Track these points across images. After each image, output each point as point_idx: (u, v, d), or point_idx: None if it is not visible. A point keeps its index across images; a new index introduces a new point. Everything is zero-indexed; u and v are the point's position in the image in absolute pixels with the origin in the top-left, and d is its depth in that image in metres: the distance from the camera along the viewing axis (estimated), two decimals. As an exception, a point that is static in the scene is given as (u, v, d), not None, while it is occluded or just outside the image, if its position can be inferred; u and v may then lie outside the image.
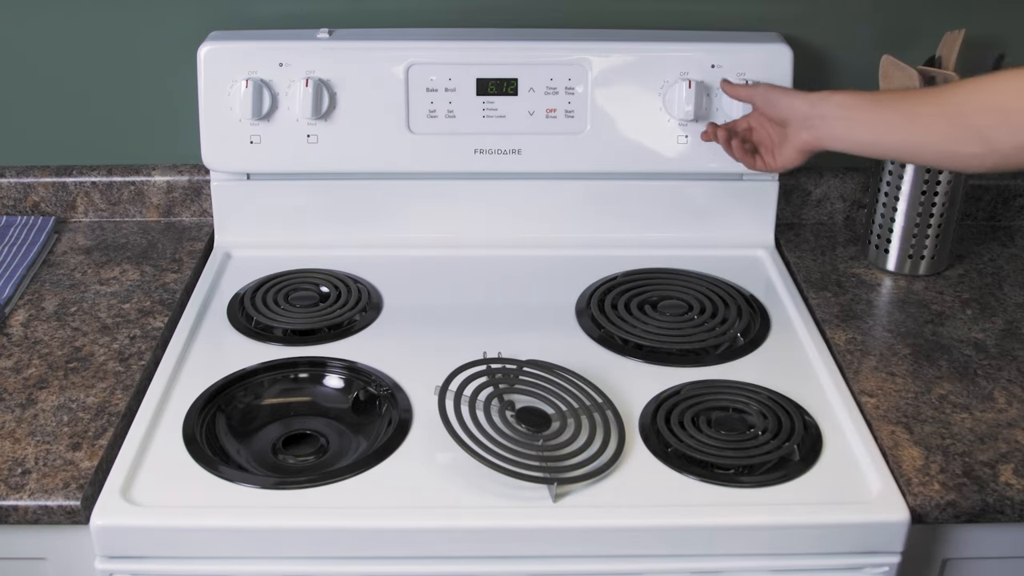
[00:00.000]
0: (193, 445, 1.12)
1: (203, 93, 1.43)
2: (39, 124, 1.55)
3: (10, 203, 1.56)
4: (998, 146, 1.09)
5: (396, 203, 1.50)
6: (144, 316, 1.34)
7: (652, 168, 1.48)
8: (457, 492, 1.07)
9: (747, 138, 1.34)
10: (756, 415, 1.17)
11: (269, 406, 1.22)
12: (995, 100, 1.10)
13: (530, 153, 1.46)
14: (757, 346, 1.31)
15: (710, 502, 1.06)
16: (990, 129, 1.09)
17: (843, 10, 1.51)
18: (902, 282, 1.45)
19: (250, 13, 1.49)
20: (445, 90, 1.44)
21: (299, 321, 1.34)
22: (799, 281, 1.45)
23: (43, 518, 1.04)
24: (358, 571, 1.05)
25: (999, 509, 1.06)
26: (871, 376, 1.24)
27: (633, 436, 1.14)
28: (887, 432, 1.15)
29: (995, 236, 1.57)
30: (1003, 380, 1.24)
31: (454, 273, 1.46)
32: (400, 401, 1.19)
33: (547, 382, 1.19)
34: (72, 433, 1.13)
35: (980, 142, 1.10)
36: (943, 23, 1.46)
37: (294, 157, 1.46)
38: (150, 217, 1.58)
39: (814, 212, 1.61)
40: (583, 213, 1.51)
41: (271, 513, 1.04)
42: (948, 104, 1.14)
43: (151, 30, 1.49)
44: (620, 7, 1.50)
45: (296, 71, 1.42)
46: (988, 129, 1.09)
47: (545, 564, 1.06)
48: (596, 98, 1.45)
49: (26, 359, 1.25)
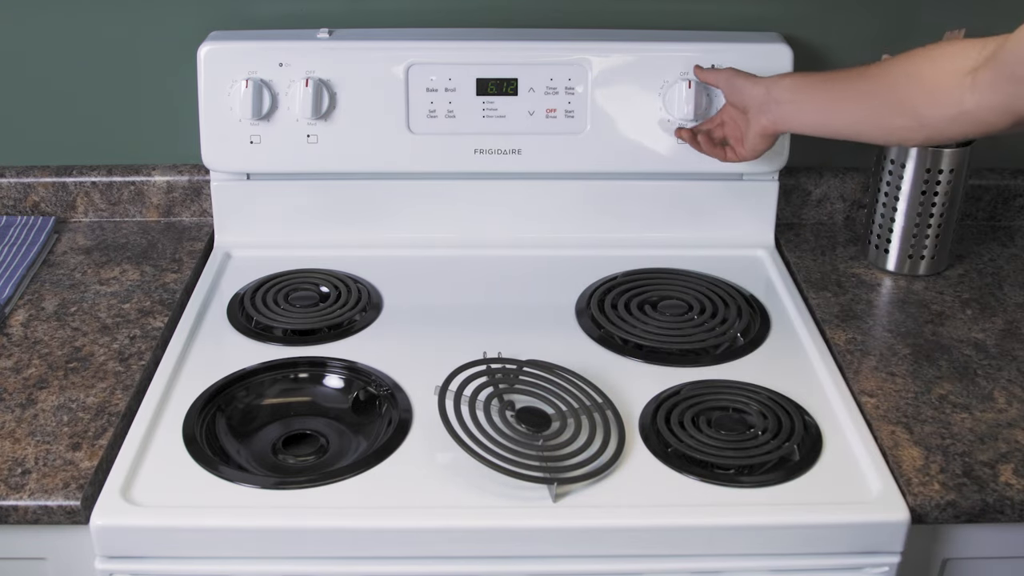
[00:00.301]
0: (193, 445, 1.12)
1: (203, 93, 1.43)
2: (39, 124, 1.55)
3: (10, 203, 1.56)
4: (927, 120, 1.12)
5: (396, 203, 1.50)
6: (144, 316, 1.34)
7: (652, 168, 1.48)
8: (457, 492, 1.07)
9: (718, 133, 1.38)
10: (756, 415, 1.17)
11: (269, 406, 1.22)
12: (916, 71, 1.12)
13: (530, 153, 1.46)
14: (757, 346, 1.31)
15: (710, 502, 1.06)
16: (916, 102, 1.12)
17: (843, 10, 1.51)
18: (902, 282, 1.45)
19: (250, 13, 1.49)
20: (445, 90, 1.44)
21: (299, 321, 1.34)
22: (799, 281, 1.45)
23: (43, 518, 1.04)
24: (358, 571, 1.05)
25: (999, 509, 1.06)
26: (871, 376, 1.24)
27: (633, 436, 1.14)
28: (887, 432, 1.15)
29: (995, 236, 1.57)
30: (1003, 380, 1.24)
31: (454, 273, 1.46)
32: (400, 401, 1.19)
33: (547, 382, 1.19)
34: (72, 433, 1.13)
35: (911, 115, 1.13)
36: (943, 23, 1.46)
37: (294, 157, 1.46)
38: (150, 217, 1.58)
39: (814, 212, 1.61)
40: (583, 213, 1.51)
41: (271, 513, 1.04)
42: (880, 80, 1.16)
43: (151, 30, 1.49)
44: (620, 7, 1.50)
45: (296, 71, 1.42)
46: (914, 102, 1.12)
47: (545, 564, 1.06)
48: (596, 98, 1.45)
49: (26, 359, 1.25)
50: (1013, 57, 1.03)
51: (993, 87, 1.05)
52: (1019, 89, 1.04)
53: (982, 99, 1.07)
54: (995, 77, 1.05)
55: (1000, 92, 1.05)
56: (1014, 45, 1.03)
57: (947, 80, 1.09)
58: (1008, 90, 1.04)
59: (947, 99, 1.09)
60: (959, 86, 1.08)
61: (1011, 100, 1.05)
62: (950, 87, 1.09)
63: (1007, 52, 1.04)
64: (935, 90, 1.10)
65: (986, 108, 1.07)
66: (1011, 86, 1.04)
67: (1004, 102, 1.05)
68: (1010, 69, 1.03)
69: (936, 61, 1.11)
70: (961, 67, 1.08)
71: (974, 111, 1.08)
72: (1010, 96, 1.05)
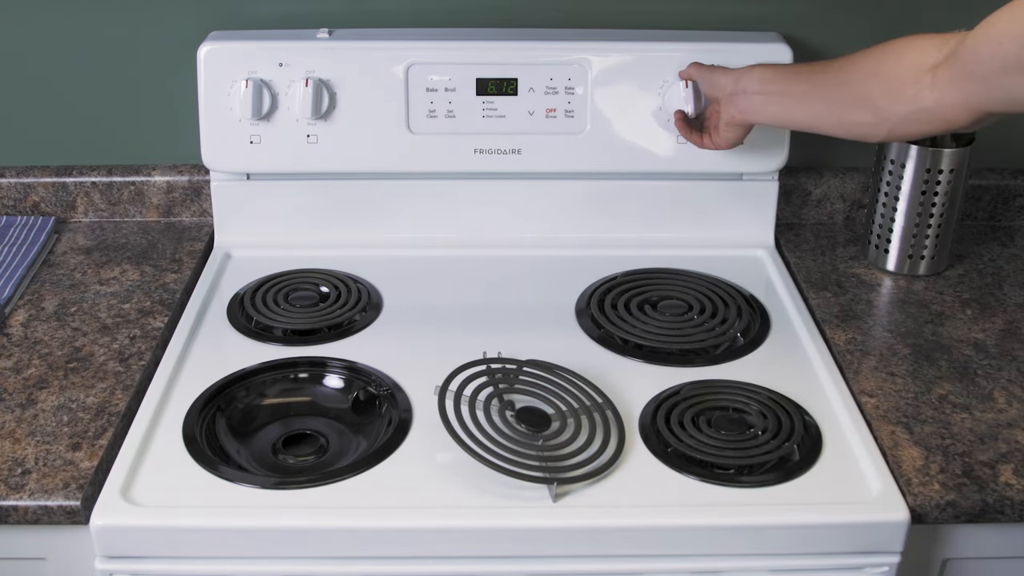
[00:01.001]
0: (193, 445, 1.12)
1: (203, 93, 1.43)
2: (39, 124, 1.55)
3: (10, 203, 1.56)
4: (887, 114, 1.12)
5: (396, 203, 1.50)
6: (144, 316, 1.34)
7: (652, 168, 1.48)
8: (457, 492, 1.07)
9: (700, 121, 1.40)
10: (756, 415, 1.17)
11: (269, 406, 1.22)
12: (877, 67, 1.12)
13: (530, 153, 1.46)
14: (757, 346, 1.31)
15: (710, 502, 1.06)
16: (876, 97, 1.12)
17: (843, 10, 1.51)
18: (902, 282, 1.45)
19: (250, 13, 1.49)
20: (445, 90, 1.44)
21: (299, 321, 1.34)
22: (799, 281, 1.45)
23: (43, 518, 1.04)
24: (358, 571, 1.05)
25: (999, 509, 1.06)
26: (871, 376, 1.24)
27: (633, 436, 1.14)
28: (887, 432, 1.15)
29: (995, 236, 1.57)
30: (1003, 380, 1.24)
31: (454, 273, 1.46)
32: (400, 401, 1.19)
33: (547, 382, 1.19)
34: (72, 433, 1.13)
35: (871, 110, 1.13)
36: (943, 23, 1.46)
37: (294, 157, 1.46)
38: (150, 217, 1.58)
39: (814, 212, 1.61)
40: (583, 213, 1.51)
41: (271, 513, 1.04)
42: (842, 74, 1.16)
43: (151, 30, 1.49)
44: (620, 7, 1.50)
45: (296, 71, 1.42)
46: (875, 97, 1.12)
47: (545, 564, 1.06)
48: (596, 98, 1.45)
49: (26, 359, 1.25)
50: (972, 55, 1.02)
51: (952, 84, 1.05)
52: (978, 87, 1.03)
53: (942, 96, 1.06)
54: (955, 74, 1.04)
55: (959, 90, 1.04)
56: (973, 43, 1.02)
57: (907, 76, 1.09)
58: (967, 88, 1.04)
59: (907, 95, 1.09)
60: (918, 82, 1.08)
61: (970, 97, 1.04)
62: (910, 83, 1.08)
63: (966, 49, 1.03)
64: (895, 85, 1.10)
65: (946, 105, 1.06)
66: (970, 84, 1.03)
67: (963, 99, 1.05)
68: (969, 67, 1.03)
69: (899, 56, 1.10)
70: (922, 63, 1.08)
71: (934, 107, 1.07)
72: (969, 94, 1.04)
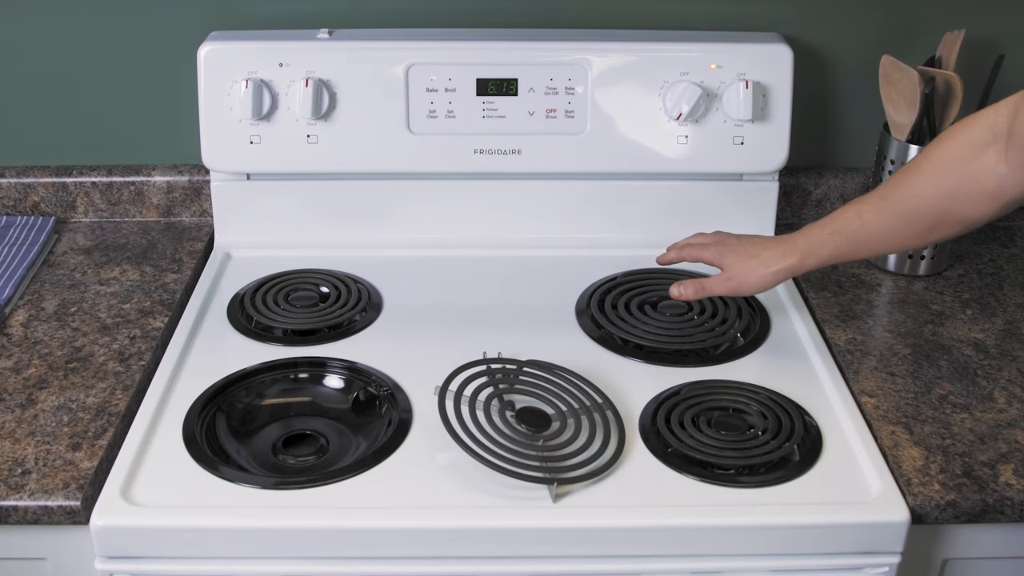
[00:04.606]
0: (193, 445, 1.12)
1: (203, 93, 1.43)
2: (39, 124, 1.55)
3: (10, 203, 1.56)
4: (974, 220, 1.12)
5: (396, 203, 1.50)
6: (144, 316, 1.34)
7: (652, 168, 1.48)
8: (457, 492, 1.07)
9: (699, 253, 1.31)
10: (756, 415, 1.17)
11: (269, 406, 1.22)
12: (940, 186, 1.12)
13: (530, 153, 1.46)
14: (757, 346, 1.31)
15: (710, 502, 1.06)
16: (959, 211, 1.12)
17: (843, 10, 1.51)
18: (902, 282, 1.45)
19: (250, 13, 1.49)
20: (445, 90, 1.44)
21: (299, 321, 1.34)
22: (799, 281, 1.45)
23: (43, 518, 1.04)
24: (358, 571, 1.05)
25: (999, 509, 1.06)
26: (871, 376, 1.24)
27: (633, 436, 1.14)
28: (887, 432, 1.15)
29: (995, 236, 1.57)
30: (1003, 380, 1.24)
31: (454, 273, 1.46)
32: (400, 401, 1.19)
33: (547, 382, 1.19)
34: (72, 433, 1.13)
35: (960, 225, 1.14)
36: (943, 23, 1.46)
37: (294, 157, 1.46)
38: (150, 217, 1.58)
39: (814, 212, 1.61)
40: (583, 213, 1.51)
41: (271, 513, 1.04)
42: (914, 210, 1.15)
43: (151, 30, 1.49)
44: (620, 7, 1.50)
45: (296, 71, 1.42)
46: (956, 211, 1.12)
47: (545, 564, 1.06)
48: (596, 98, 1.44)
49: (26, 359, 1.25)
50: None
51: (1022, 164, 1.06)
52: None
53: (1017, 179, 1.08)
54: (1020, 154, 1.06)
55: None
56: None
57: (984, 176, 1.09)
58: None
59: (988, 200, 1.10)
60: (994, 177, 1.08)
61: None
62: (986, 181, 1.09)
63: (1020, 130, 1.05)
64: (974, 196, 1.10)
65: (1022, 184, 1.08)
66: None
67: None
68: None
69: (961, 166, 1.10)
70: (988, 163, 1.08)
71: (1013, 191, 1.09)
72: None
